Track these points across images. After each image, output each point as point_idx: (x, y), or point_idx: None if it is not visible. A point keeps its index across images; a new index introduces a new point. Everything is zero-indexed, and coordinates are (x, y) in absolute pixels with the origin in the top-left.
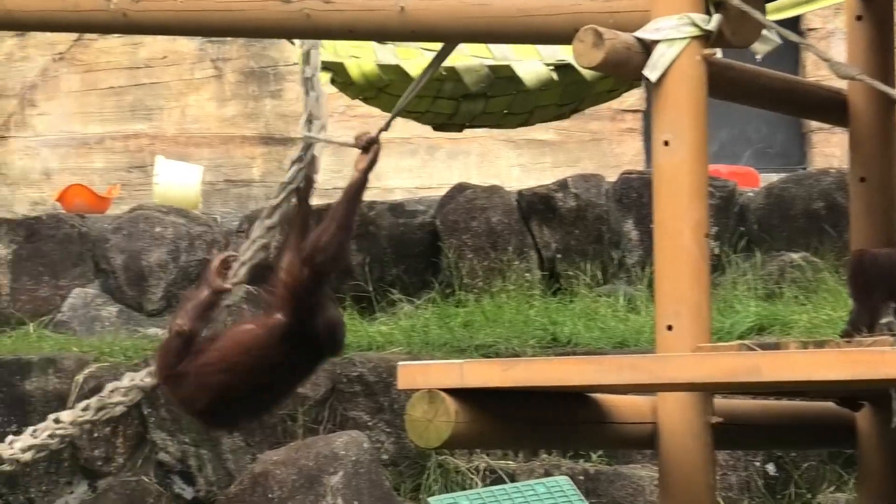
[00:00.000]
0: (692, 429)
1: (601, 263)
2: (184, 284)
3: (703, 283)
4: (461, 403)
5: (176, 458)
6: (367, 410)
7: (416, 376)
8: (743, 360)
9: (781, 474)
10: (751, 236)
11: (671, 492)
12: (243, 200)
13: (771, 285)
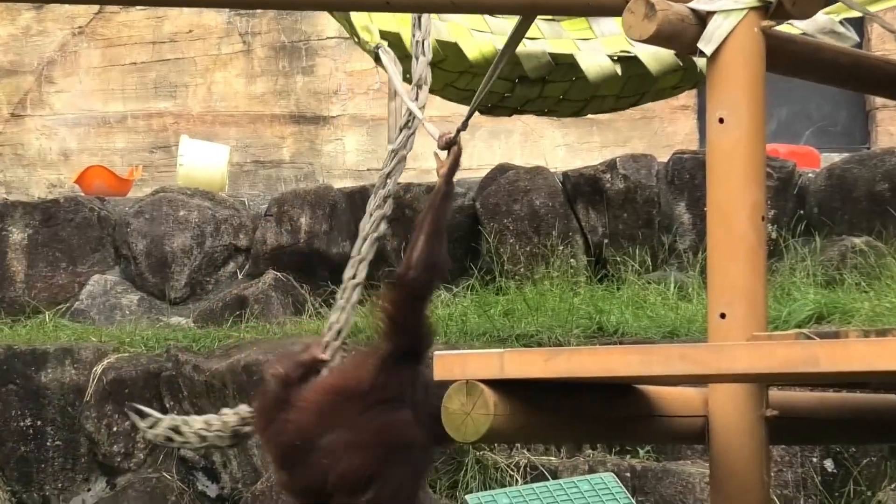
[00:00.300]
0: (746, 422)
1: (651, 249)
2: (209, 271)
3: (758, 269)
4: (500, 395)
5: (199, 454)
6: None
7: (453, 366)
8: (800, 349)
9: (840, 471)
10: (810, 220)
11: (723, 489)
12: (272, 182)
13: (831, 271)
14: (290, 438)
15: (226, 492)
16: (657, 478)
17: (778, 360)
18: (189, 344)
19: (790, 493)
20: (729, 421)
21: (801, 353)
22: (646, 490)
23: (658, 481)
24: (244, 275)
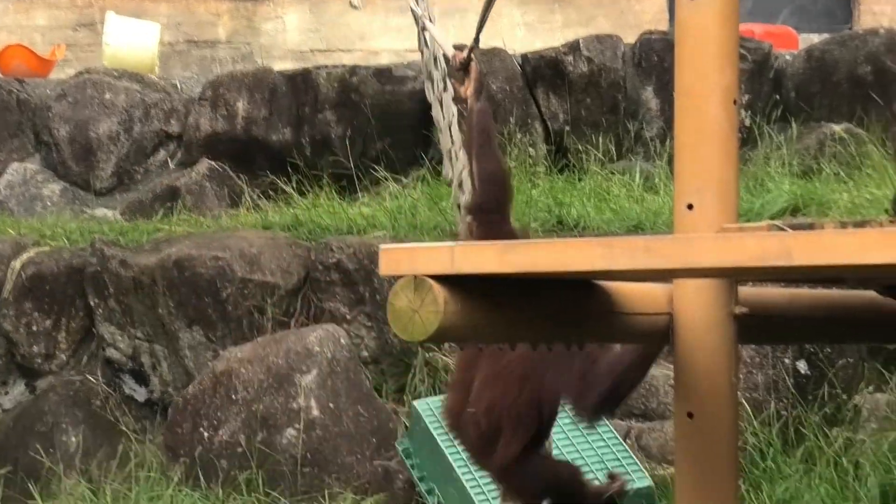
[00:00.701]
0: (713, 320)
1: (615, 137)
2: (138, 159)
3: (729, 158)
4: (451, 292)
5: (126, 356)
6: (346, 302)
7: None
8: (772, 242)
9: (814, 373)
10: (787, 105)
11: (688, 392)
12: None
13: (808, 160)
14: (458, 410)
15: (155, 396)
16: None
17: (748, 254)
18: (116, 238)
19: (760, 397)
20: (695, 319)
21: (774, 246)
22: None
23: None
24: (176, 164)
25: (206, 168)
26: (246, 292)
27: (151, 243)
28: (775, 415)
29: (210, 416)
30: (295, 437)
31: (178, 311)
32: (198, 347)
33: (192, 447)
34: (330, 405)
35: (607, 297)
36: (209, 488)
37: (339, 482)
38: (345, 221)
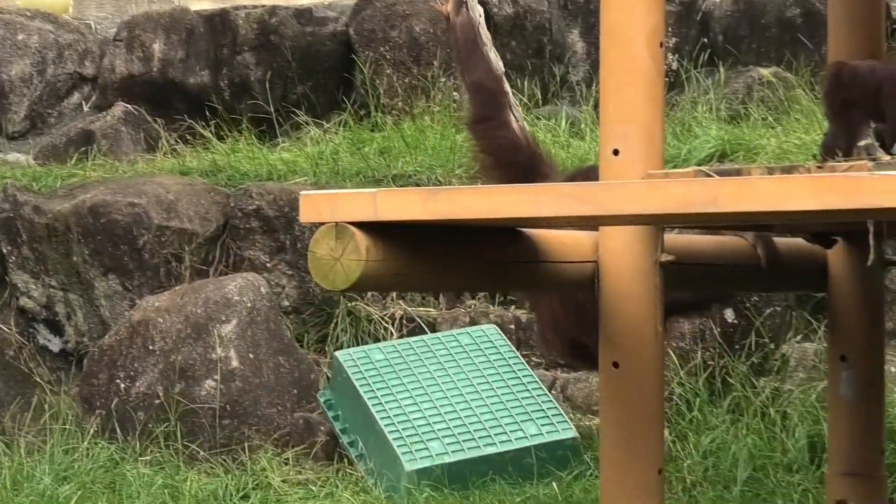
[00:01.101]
0: (639, 268)
1: (541, 81)
2: (51, 102)
3: (656, 102)
4: (374, 239)
5: (40, 305)
6: (266, 250)
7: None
8: (698, 188)
9: (741, 322)
10: (714, 49)
11: (614, 341)
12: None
13: (736, 105)
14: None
15: (70, 346)
16: None
17: (674, 200)
18: (29, 183)
19: (687, 346)
20: (620, 266)
21: (700, 192)
22: (531, 343)
23: None
24: (90, 107)
25: (122, 112)
26: (163, 240)
27: (65, 189)
28: (702, 364)
29: (127, 367)
30: (214, 388)
31: (94, 258)
32: (114, 296)
33: (109, 399)
34: (250, 356)
35: (533, 244)
36: (126, 441)
37: (259, 434)
38: (265, 167)
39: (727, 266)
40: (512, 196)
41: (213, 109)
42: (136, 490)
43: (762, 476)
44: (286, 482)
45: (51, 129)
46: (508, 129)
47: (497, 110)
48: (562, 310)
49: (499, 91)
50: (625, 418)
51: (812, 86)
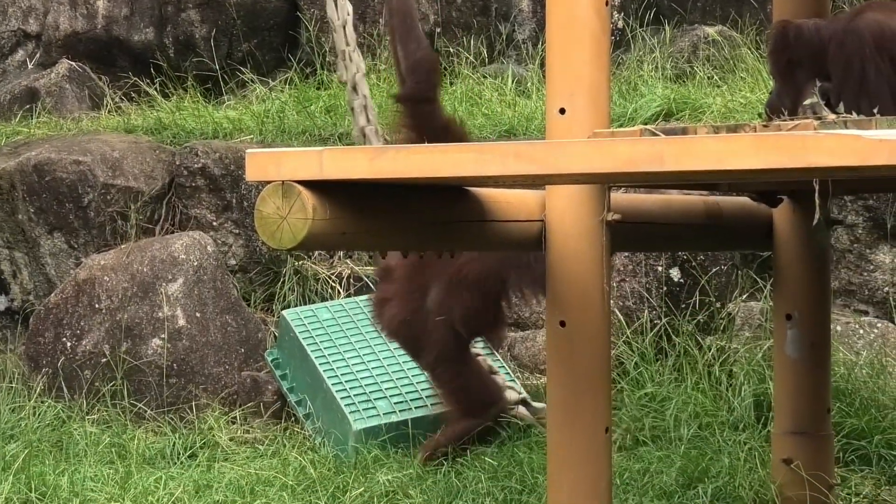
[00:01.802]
0: (585, 227)
1: (487, 39)
2: None
3: (601, 61)
4: (320, 198)
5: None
6: (212, 208)
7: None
8: (644, 147)
9: (687, 280)
10: (660, 7)
11: (560, 300)
12: None
13: (682, 64)
14: (402, 316)
15: (15, 304)
16: None
17: (620, 159)
18: None
19: (633, 305)
20: (567, 225)
21: (645, 151)
22: None
23: None
24: (35, 64)
25: (66, 69)
26: (109, 198)
27: (10, 146)
28: (648, 323)
29: (73, 326)
30: (161, 347)
31: (39, 217)
32: (59, 255)
33: (55, 357)
34: (196, 314)
35: (479, 204)
36: (72, 399)
37: (206, 393)
38: (210, 125)
39: (674, 225)
40: (458, 155)
41: (157, 67)
42: (83, 449)
43: (707, 434)
44: (234, 441)
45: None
46: (440, 108)
47: (432, 90)
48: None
49: (435, 70)
50: (571, 377)
51: (758, 45)
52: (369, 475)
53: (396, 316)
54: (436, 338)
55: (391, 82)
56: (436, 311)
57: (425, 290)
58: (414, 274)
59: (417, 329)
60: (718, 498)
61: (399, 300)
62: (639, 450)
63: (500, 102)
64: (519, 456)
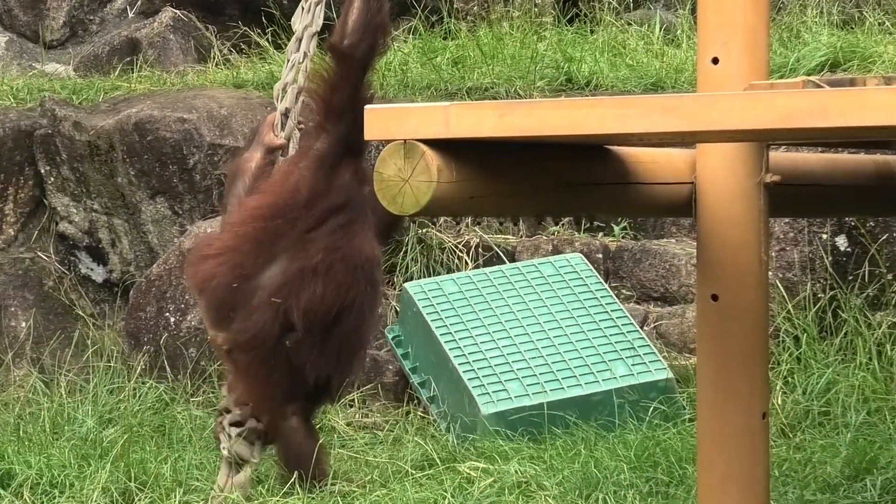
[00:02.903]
0: (740, 190)
1: None
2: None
3: (760, 4)
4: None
5: (82, 230)
6: None
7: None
8: (806, 99)
9: (855, 249)
10: None
11: (712, 272)
12: None
13: (850, 9)
14: (225, 280)
15: (115, 276)
16: (635, 259)
17: (779, 113)
18: (69, 96)
19: (794, 277)
20: (720, 188)
21: (808, 104)
22: (621, 274)
23: (636, 263)
24: (136, 13)
25: (170, 18)
26: (216, 159)
27: (108, 103)
28: (811, 297)
29: (177, 300)
30: None
31: (140, 180)
32: (162, 221)
33: (157, 334)
34: None
35: (621, 164)
36: (176, 380)
37: None
38: None
39: (840, 187)
40: (597, 110)
41: (269, 15)
42: (188, 433)
43: (877, 421)
44: (351, 426)
45: (92, 38)
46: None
47: (372, 58)
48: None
49: (383, 41)
50: (724, 357)
51: None
52: (499, 464)
53: (217, 277)
54: (257, 318)
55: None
56: (273, 290)
57: (267, 262)
58: (259, 237)
59: (237, 300)
60: (889, 491)
61: (227, 260)
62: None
63: (646, 52)
64: (665, 444)
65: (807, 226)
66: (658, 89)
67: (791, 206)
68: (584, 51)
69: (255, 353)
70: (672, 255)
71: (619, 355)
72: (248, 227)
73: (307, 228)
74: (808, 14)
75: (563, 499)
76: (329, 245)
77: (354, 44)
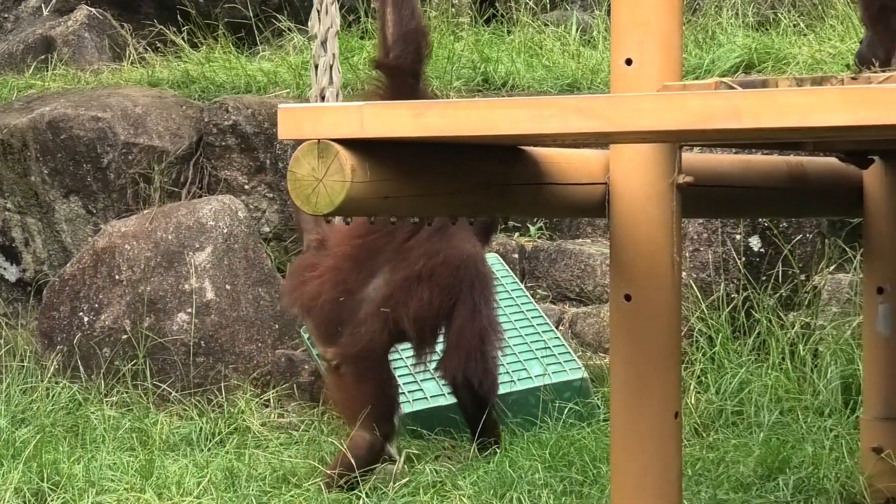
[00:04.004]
0: (653, 190)
1: None
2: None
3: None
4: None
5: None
6: (244, 170)
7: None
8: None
9: (768, 250)
10: None
11: (625, 272)
12: None
13: (765, 10)
14: (331, 297)
15: (28, 275)
16: (550, 259)
17: (692, 114)
18: None
19: (708, 277)
20: (634, 189)
21: (720, 106)
22: (537, 274)
23: (552, 263)
24: (51, 10)
25: (85, 16)
26: (130, 158)
27: (22, 101)
28: (725, 298)
29: (90, 299)
30: (187, 322)
31: (53, 179)
32: (76, 220)
33: (71, 334)
34: (226, 287)
35: (536, 165)
36: (90, 380)
37: (236, 373)
38: (242, 78)
39: (753, 188)
40: (512, 110)
41: (185, 14)
42: (101, 434)
43: (790, 420)
44: (266, 426)
45: (7, 36)
46: (423, 85)
47: (420, 63)
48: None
49: (426, 44)
50: (638, 356)
51: None
52: (415, 464)
53: (322, 294)
54: (366, 329)
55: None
56: (379, 301)
57: (369, 276)
58: (358, 254)
59: (344, 314)
60: (801, 490)
61: (330, 277)
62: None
63: (562, 53)
64: (580, 443)
65: (720, 226)
66: (574, 90)
67: (704, 206)
68: (501, 51)
69: (366, 363)
70: (587, 255)
71: (534, 355)
72: (347, 247)
73: (405, 238)
74: (723, 15)
75: (478, 498)
76: (428, 251)
77: (399, 54)
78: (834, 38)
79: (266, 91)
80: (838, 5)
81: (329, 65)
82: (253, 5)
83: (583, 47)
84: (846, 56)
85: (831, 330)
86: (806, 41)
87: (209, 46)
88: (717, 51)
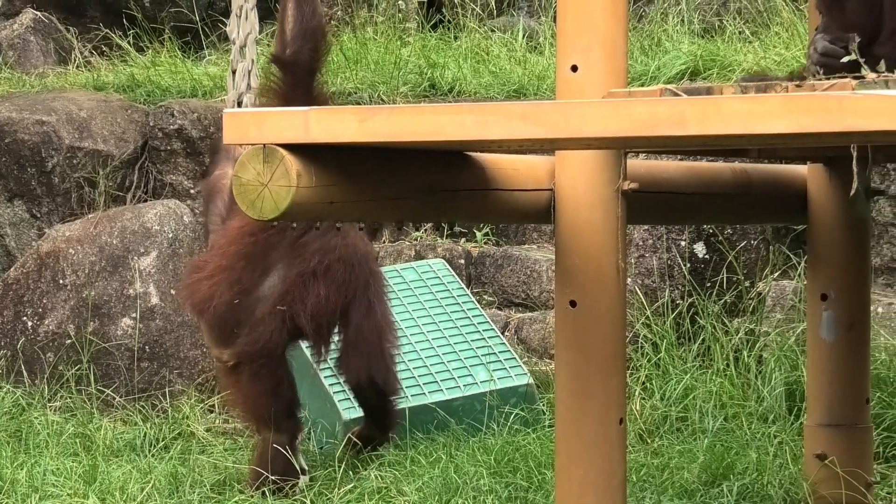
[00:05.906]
0: (598, 197)
1: None
2: None
3: (619, 12)
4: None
5: None
6: (189, 174)
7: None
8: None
9: (713, 257)
10: None
11: (570, 278)
12: None
13: (710, 17)
14: (224, 298)
15: None
16: (497, 265)
17: (638, 121)
18: None
19: (653, 283)
20: (579, 195)
21: (666, 113)
22: (483, 279)
23: (498, 269)
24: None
25: (31, 19)
26: (75, 162)
27: None
28: (670, 304)
29: (34, 304)
30: (131, 327)
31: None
32: (20, 225)
33: (14, 338)
34: (171, 291)
35: (482, 171)
36: (33, 385)
37: (181, 378)
38: (188, 82)
39: (698, 195)
40: (458, 116)
41: (131, 18)
42: (45, 439)
43: (734, 427)
44: (210, 431)
45: None
46: (320, 82)
47: (319, 60)
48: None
49: (325, 41)
50: (583, 362)
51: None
52: (359, 470)
53: (215, 295)
54: (264, 328)
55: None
56: (275, 299)
57: (264, 273)
58: (252, 252)
59: (240, 314)
60: (745, 496)
61: (224, 278)
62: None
63: (509, 59)
64: (525, 449)
65: (665, 233)
66: (520, 96)
67: (650, 213)
68: (448, 57)
69: (264, 362)
70: (533, 261)
71: (480, 361)
72: (239, 245)
73: (299, 234)
74: (669, 22)
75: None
76: (323, 246)
77: (297, 50)
78: (779, 45)
79: (212, 95)
80: (783, 13)
81: (248, 70)
82: (199, 10)
83: (529, 53)
84: (791, 63)
85: (775, 336)
86: (751, 48)
87: (155, 50)
88: (662, 58)
